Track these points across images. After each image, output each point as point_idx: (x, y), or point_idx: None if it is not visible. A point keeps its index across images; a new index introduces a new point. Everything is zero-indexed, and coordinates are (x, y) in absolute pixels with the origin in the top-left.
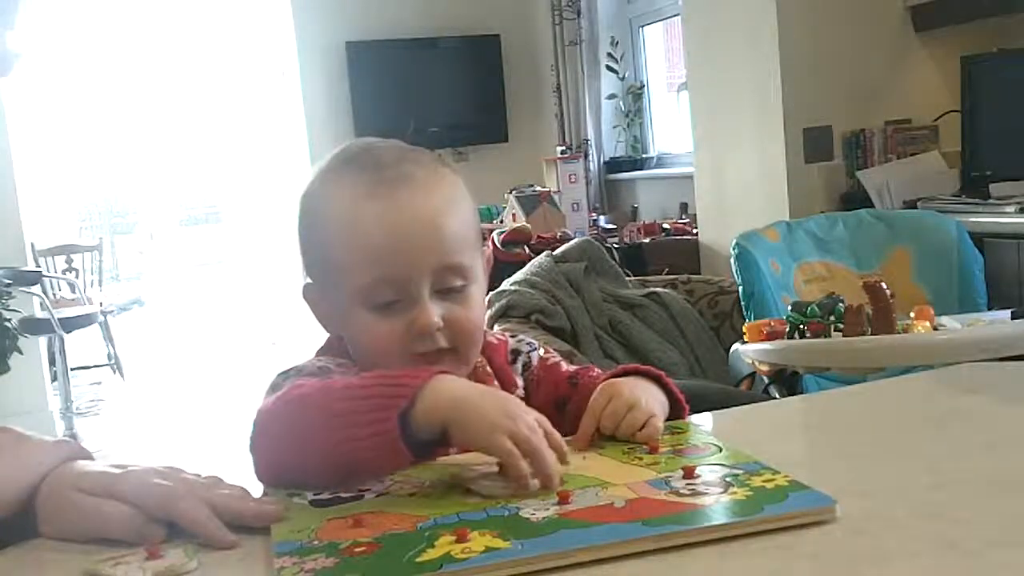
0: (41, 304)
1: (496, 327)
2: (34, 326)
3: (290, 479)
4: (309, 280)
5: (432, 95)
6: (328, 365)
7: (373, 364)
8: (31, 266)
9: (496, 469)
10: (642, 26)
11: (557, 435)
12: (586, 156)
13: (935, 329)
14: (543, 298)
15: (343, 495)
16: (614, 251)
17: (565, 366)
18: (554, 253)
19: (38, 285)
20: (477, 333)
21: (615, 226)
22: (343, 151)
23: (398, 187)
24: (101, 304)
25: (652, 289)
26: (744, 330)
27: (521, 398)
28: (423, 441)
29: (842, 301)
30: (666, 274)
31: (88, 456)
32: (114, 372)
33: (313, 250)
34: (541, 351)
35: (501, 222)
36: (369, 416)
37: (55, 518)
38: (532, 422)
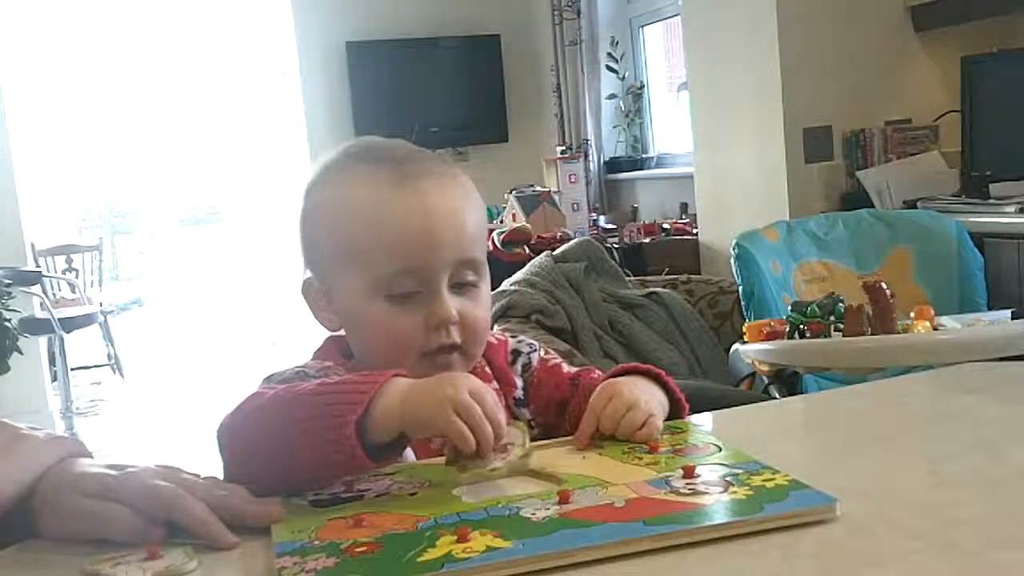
0: (41, 304)
1: (496, 327)
2: (34, 326)
3: (254, 485)
4: (310, 275)
5: (432, 95)
6: (307, 371)
7: (383, 358)
8: (31, 266)
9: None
10: (642, 26)
11: (495, 410)
12: (586, 156)
13: (935, 329)
14: (543, 298)
15: (343, 495)
16: (614, 251)
17: (566, 368)
18: (554, 253)
19: (38, 285)
20: (484, 331)
21: (615, 226)
22: (351, 147)
23: (421, 180)
24: (101, 304)
25: (652, 289)
26: (744, 330)
27: (520, 399)
28: (381, 444)
29: (842, 301)
30: (666, 274)
31: (86, 453)
32: (114, 372)
33: (323, 242)
34: (542, 352)
35: (501, 222)
36: (328, 422)
37: (54, 519)
38: (475, 389)
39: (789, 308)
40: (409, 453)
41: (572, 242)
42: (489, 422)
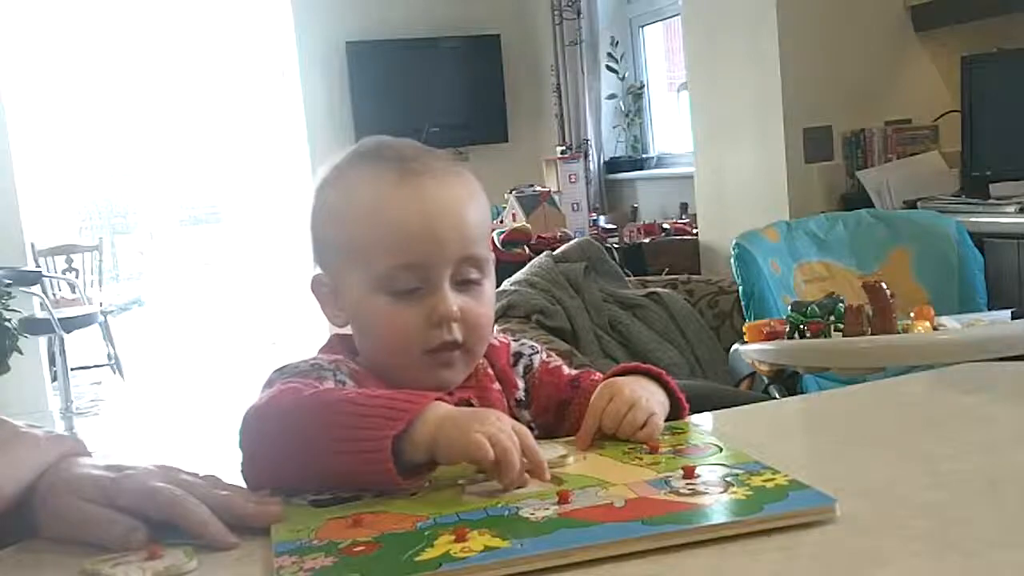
0: (41, 304)
1: (496, 327)
2: (34, 326)
3: (274, 480)
4: (319, 271)
5: (432, 95)
6: (321, 362)
7: (385, 355)
8: (31, 266)
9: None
10: (642, 26)
11: (534, 446)
12: (586, 156)
13: (935, 329)
14: (543, 298)
15: (343, 495)
16: (614, 251)
17: (567, 370)
18: (554, 253)
19: (38, 285)
20: (487, 329)
21: (615, 226)
22: (359, 147)
23: (424, 177)
24: (101, 304)
25: (652, 289)
26: (744, 330)
27: (521, 400)
28: (412, 464)
29: (842, 301)
30: (666, 274)
31: (85, 452)
32: (114, 372)
33: (331, 238)
34: (543, 354)
35: (501, 222)
36: (365, 433)
37: (52, 520)
38: (508, 429)
39: (789, 308)
40: None
41: (572, 242)
42: (528, 454)
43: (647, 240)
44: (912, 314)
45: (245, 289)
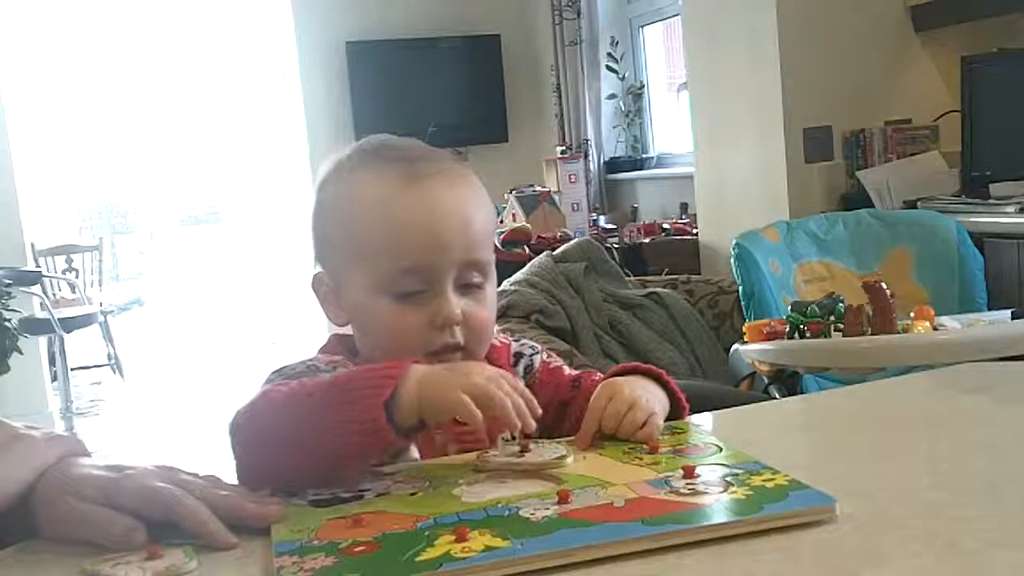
0: (41, 304)
1: (496, 327)
2: (34, 326)
3: (271, 478)
4: (320, 269)
5: (432, 95)
6: (318, 364)
7: (385, 355)
8: (31, 266)
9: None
10: (642, 26)
11: (520, 386)
12: (586, 156)
13: (935, 329)
14: (543, 298)
15: (343, 495)
16: (614, 251)
17: (567, 370)
18: (554, 253)
19: (38, 285)
20: (489, 332)
21: (615, 226)
22: (364, 144)
23: (432, 180)
24: (101, 304)
25: (652, 289)
26: (744, 330)
27: None
28: (406, 428)
29: (842, 301)
30: (666, 274)
31: (84, 451)
32: (114, 372)
33: (334, 238)
34: (543, 355)
35: (501, 222)
36: (354, 407)
37: (54, 522)
38: (494, 375)
39: (789, 308)
40: (413, 451)
41: (572, 242)
42: (519, 395)
43: (647, 240)
44: (912, 314)
45: (245, 289)
